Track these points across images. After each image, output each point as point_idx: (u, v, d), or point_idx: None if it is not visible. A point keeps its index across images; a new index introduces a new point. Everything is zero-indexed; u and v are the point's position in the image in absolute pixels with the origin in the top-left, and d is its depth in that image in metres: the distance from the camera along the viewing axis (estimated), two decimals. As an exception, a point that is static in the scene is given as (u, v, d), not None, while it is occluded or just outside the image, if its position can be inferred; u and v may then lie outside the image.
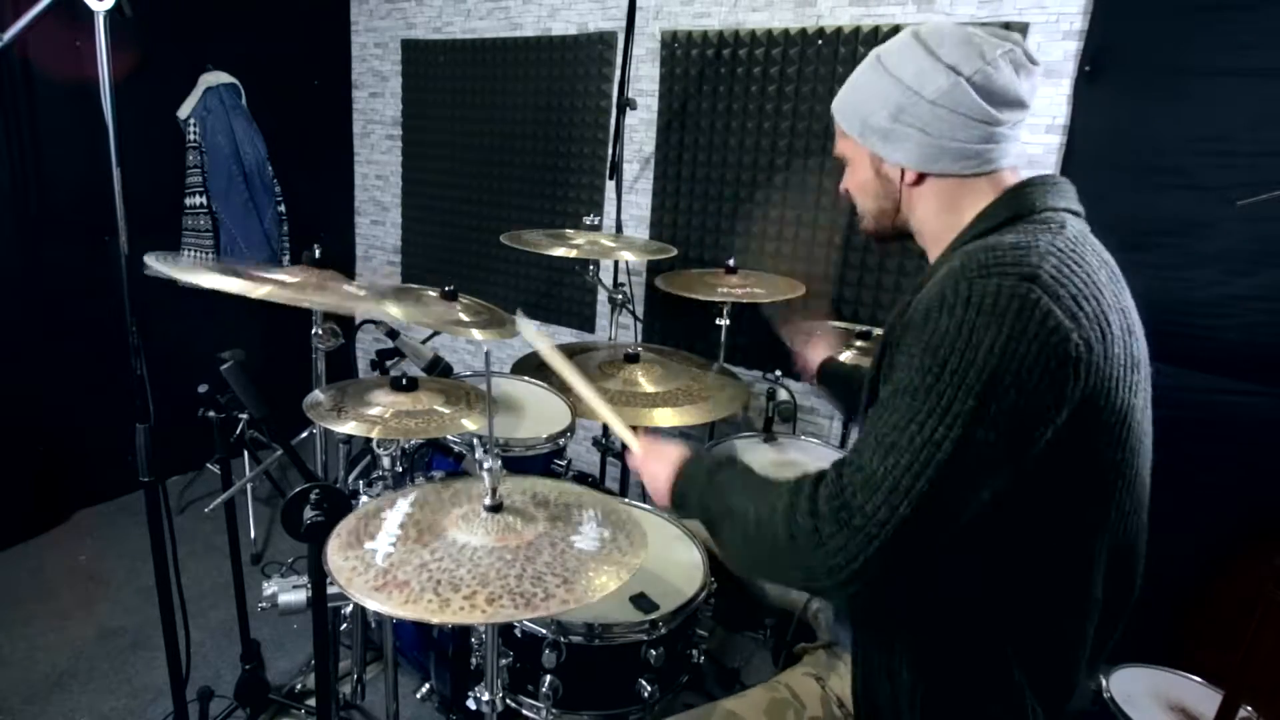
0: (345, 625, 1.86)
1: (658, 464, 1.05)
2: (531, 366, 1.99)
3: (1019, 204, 0.88)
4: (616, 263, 2.44)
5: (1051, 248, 0.79)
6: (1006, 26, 1.96)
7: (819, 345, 1.64)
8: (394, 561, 0.93)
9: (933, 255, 0.98)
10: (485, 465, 1.02)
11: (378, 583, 0.88)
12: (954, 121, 0.88)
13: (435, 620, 0.84)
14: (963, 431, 0.73)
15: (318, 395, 1.43)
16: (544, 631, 1.24)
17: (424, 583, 0.88)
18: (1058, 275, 0.76)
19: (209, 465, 2.89)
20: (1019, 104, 0.89)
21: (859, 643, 1.01)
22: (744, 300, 2.04)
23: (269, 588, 1.20)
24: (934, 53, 0.88)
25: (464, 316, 1.91)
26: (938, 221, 0.95)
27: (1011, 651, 0.88)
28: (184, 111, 2.76)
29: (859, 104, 0.96)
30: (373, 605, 0.86)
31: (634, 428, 1.13)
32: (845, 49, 2.20)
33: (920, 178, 0.94)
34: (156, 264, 1.15)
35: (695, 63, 2.48)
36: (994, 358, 0.73)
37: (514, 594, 0.88)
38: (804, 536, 0.79)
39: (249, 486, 2.63)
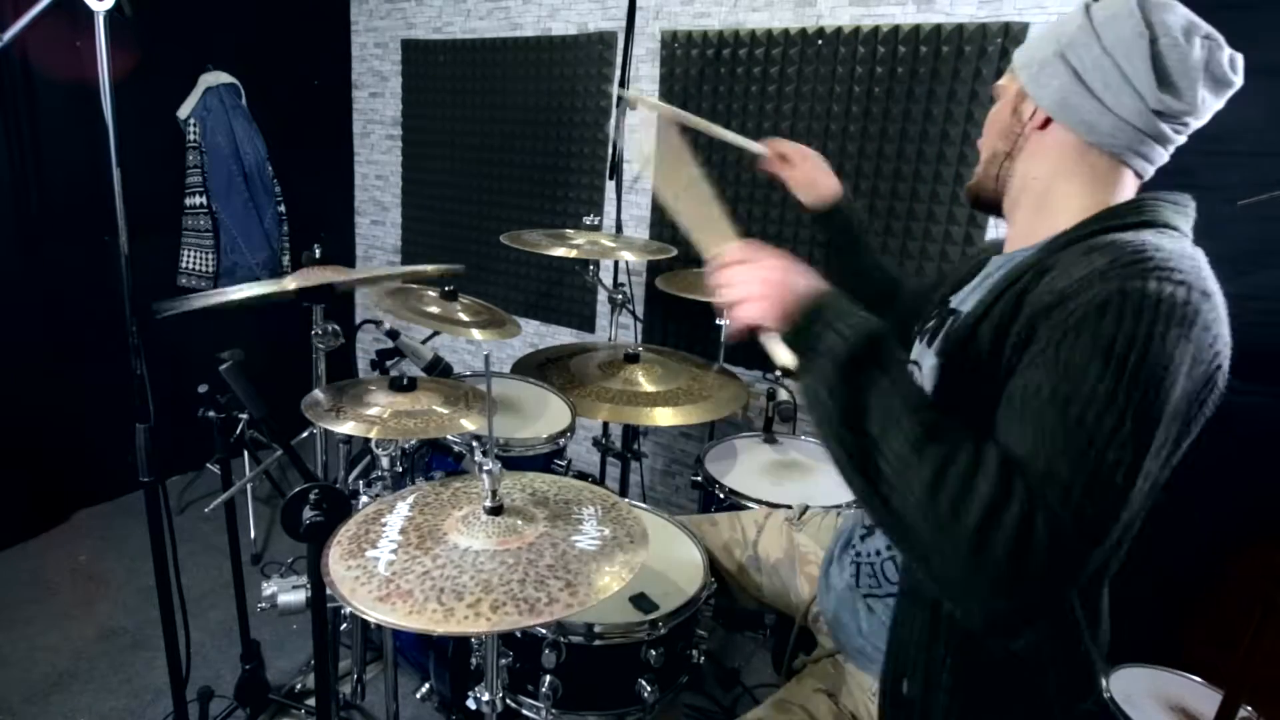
0: (345, 625, 1.86)
1: (782, 265, 0.83)
2: (532, 366, 1.99)
3: (1152, 212, 0.83)
4: (616, 263, 2.44)
5: (1198, 259, 0.77)
6: (1007, 27, 1.96)
7: (817, 170, 1.41)
8: (396, 570, 0.92)
9: (1021, 235, 0.91)
10: (485, 467, 1.02)
11: (381, 593, 0.88)
12: (1112, 77, 0.81)
13: (440, 631, 0.83)
14: (1152, 447, 0.68)
15: (317, 395, 1.43)
16: (544, 632, 1.24)
17: (427, 591, 0.88)
18: (1210, 288, 0.74)
19: (209, 465, 2.89)
20: (1186, 98, 0.81)
21: (896, 640, 0.96)
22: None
23: (269, 588, 1.20)
24: (1144, 6, 0.81)
25: (464, 316, 1.91)
26: (1042, 183, 0.89)
27: (1053, 658, 0.87)
28: (184, 111, 2.76)
29: (1038, 37, 0.91)
30: (377, 618, 0.85)
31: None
32: (845, 49, 2.20)
33: (1047, 123, 0.88)
34: (169, 309, 1.15)
35: (695, 63, 2.48)
36: (1172, 365, 0.68)
37: (518, 600, 0.87)
38: (1001, 544, 0.64)
39: (249, 486, 2.63)
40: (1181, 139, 0.87)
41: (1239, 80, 0.85)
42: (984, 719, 0.90)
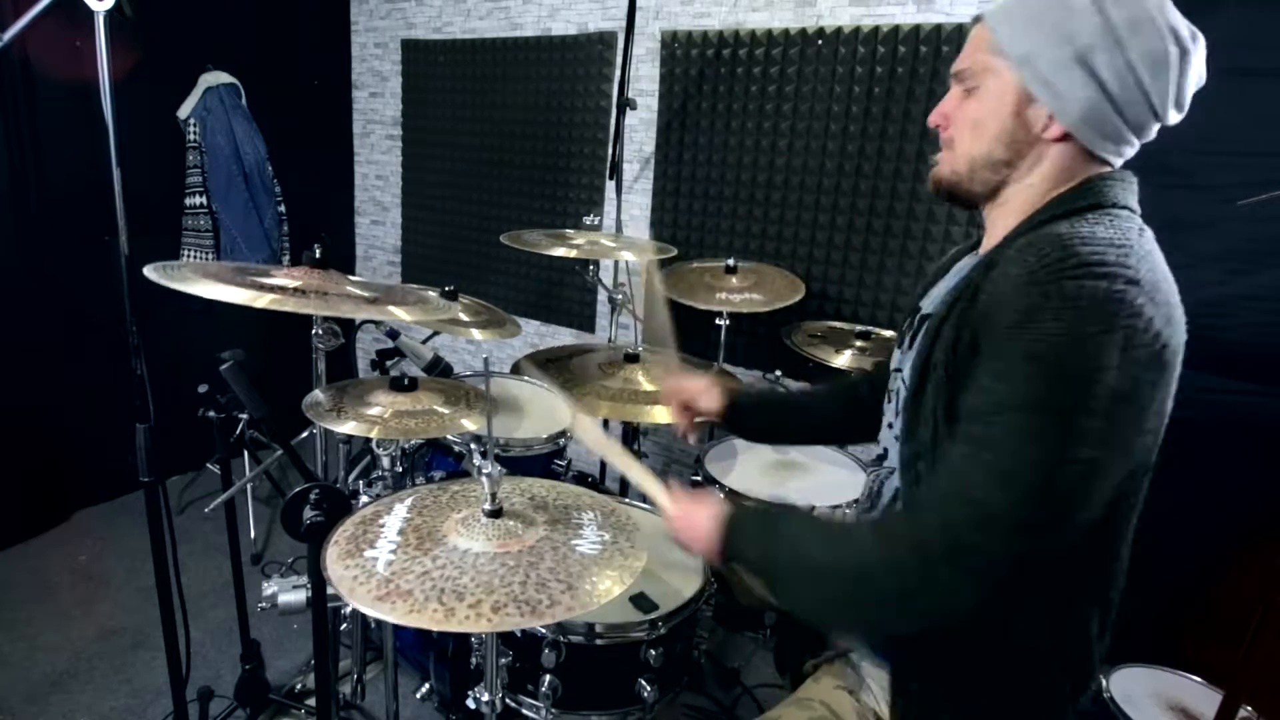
0: (345, 625, 1.87)
1: (699, 512, 0.95)
2: (531, 366, 1.99)
3: (1099, 194, 0.81)
4: (616, 263, 2.44)
5: (1141, 247, 0.75)
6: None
7: (710, 390, 1.27)
8: (396, 570, 0.92)
9: (1002, 228, 0.87)
10: (484, 470, 1.01)
11: (380, 592, 0.88)
12: (1133, 94, 0.77)
13: (441, 629, 0.83)
14: (1095, 453, 0.69)
15: (318, 395, 1.43)
16: (544, 631, 1.24)
17: (427, 591, 0.88)
18: (1150, 277, 0.73)
19: (209, 465, 2.89)
20: (1177, 98, 0.79)
21: (900, 674, 0.97)
22: (742, 310, 2.04)
23: (269, 588, 1.20)
24: (1164, 10, 0.76)
25: (464, 316, 1.91)
26: (1037, 191, 0.84)
27: (1051, 644, 0.87)
28: (184, 111, 2.76)
29: (1036, 23, 0.79)
30: (378, 615, 0.85)
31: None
32: (845, 49, 2.20)
33: (1065, 135, 0.81)
34: (156, 275, 1.14)
35: (695, 63, 2.48)
36: (1113, 370, 0.69)
37: (519, 601, 0.87)
38: (918, 587, 0.73)
39: (249, 486, 2.63)
40: (1148, 137, 0.85)
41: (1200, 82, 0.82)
42: (990, 712, 0.91)
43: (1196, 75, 0.80)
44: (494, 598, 0.87)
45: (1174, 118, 0.81)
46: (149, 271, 1.15)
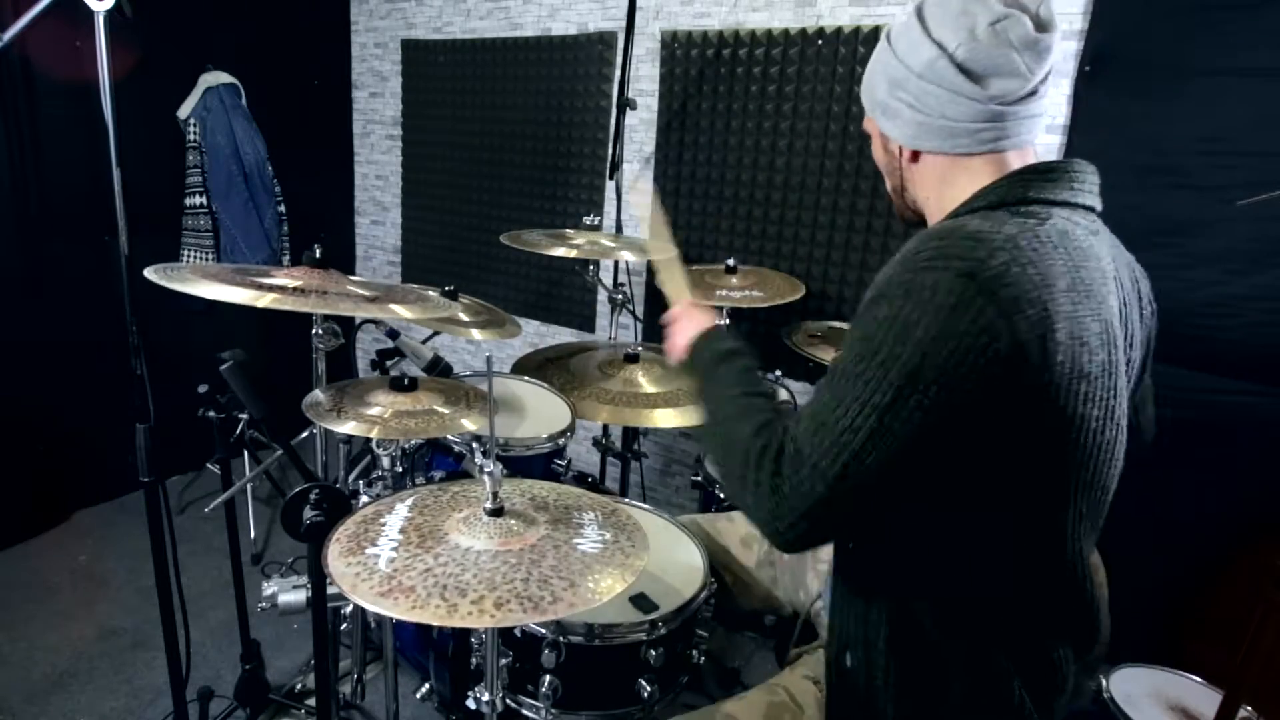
0: (345, 625, 1.87)
1: (688, 324, 1.09)
2: (531, 366, 1.99)
3: (1010, 191, 0.85)
4: (616, 263, 2.44)
5: (1010, 243, 0.77)
6: (1006, 26, 1.95)
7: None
8: (398, 567, 0.92)
9: None
10: (486, 469, 1.02)
11: (382, 588, 0.88)
12: (941, 97, 0.86)
13: (444, 625, 0.83)
14: (878, 423, 0.76)
15: (318, 395, 1.43)
16: (544, 631, 1.24)
17: (430, 587, 0.88)
18: (1002, 272, 0.75)
19: (209, 465, 2.89)
20: (1013, 75, 0.83)
21: (837, 613, 1.00)
22: (742, 305, 2.04)
23: (269, 588, 1.20)
24: (926, 26, 0.86)
25: (464, 316, 1.91)
26: (936, 202, 0.94)
27: (993, 638, 0.89)
28: (184, 111, 2.76)
29: (870, 77, 0.96)
30: (380, 611, 0.85)
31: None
32: (845, 49, 2.20)
33: (915, 155, 0.93)
34: (156, 277, 1.14)
35: (695, 63, 2.48)
36: (918, 354, 0.75)
37: (521, 598, 0.87)
38: (752, 484, 0.84)
39: (249, 486, 2.63)
40: (1041, 94, 0.87)
41: (1052, 29, 0.85)
42: (923, 692, 0.92)
43: (1002, 48, 0.83)
44: (496, 594, 0.88)
45: (1003, 86, 0.84)
46: (150, 274, 1.16)
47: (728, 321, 2.06)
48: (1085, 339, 0.79)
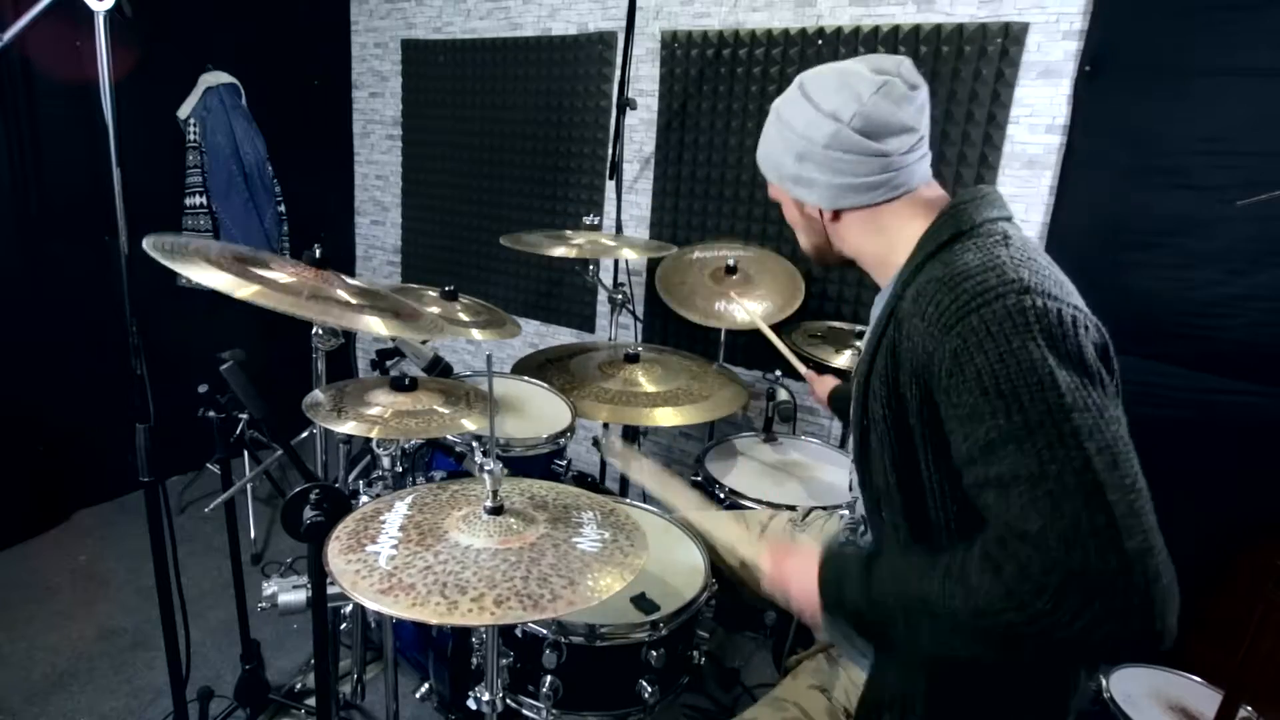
0: (345, 625, 1.87)
1: (794, 577, 0.94)
2: (532, 366, 1.99)
3: (958, 221, 0.89)
4: (616, 262, 2.44)
5: (1012, 259, 0.81)
6: (1007, 27, 1.96)
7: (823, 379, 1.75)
8: (398, 565, 0.92)
9: (881, 277, 1.00)
10: (486, 468, 1.02)
11: (383, 586, 0.88)
12: (848, 161, 0.93)
13: (444, 622, 0.83)
14: (1103, 437, 0.70)
15: (318, 395, 1.43)
16: (545, 632, 1.24)
17: (430, 585, 0.88)
18: (1039, 281, 0.78)
19: (209, 465, 2.89)
20: (905, 130, 0.92)
21: (871, 700, 0.99)
22: (740, 327, 2.02)
23: (269, 588, 1.20)
24: (816, 103, 0.93)
25: (464, 316, 1.91)
26: (871, 247, 1.00)
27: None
28: (184, 111, 2.76)
29: (770, 153, 1.02)
30: (380, 609, 0.85)
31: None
32: (845, 49, 2.20)
33: (836, 214, 0.99)
34: (154, 251, 1.14)
35: (695, 63, 2.48)
36: (1051, 364, 0.72)
37: (521, 596, 0.87)
38: (1045, 616, 0.71)
39: (249, 486, 2.63)
40: (923, 135, 0.95)
41: (920, 88, 0.94)
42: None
43: (889, 107, 0.90)
44: (496, 592, 0.88)
45: (896, 141, 0.92)
46: (148, 247, 1.15)
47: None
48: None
